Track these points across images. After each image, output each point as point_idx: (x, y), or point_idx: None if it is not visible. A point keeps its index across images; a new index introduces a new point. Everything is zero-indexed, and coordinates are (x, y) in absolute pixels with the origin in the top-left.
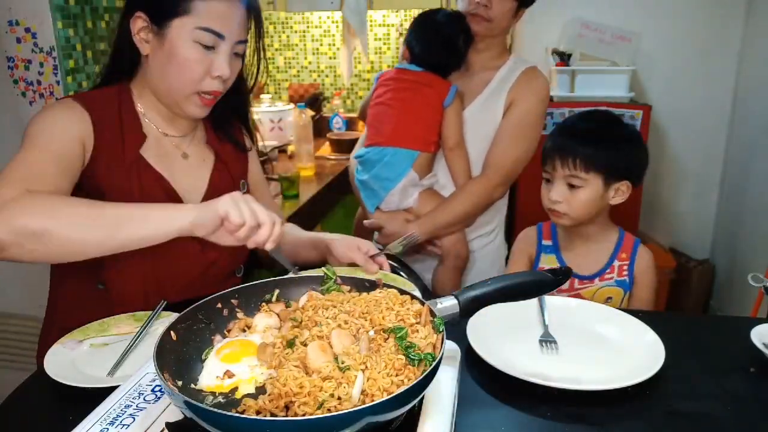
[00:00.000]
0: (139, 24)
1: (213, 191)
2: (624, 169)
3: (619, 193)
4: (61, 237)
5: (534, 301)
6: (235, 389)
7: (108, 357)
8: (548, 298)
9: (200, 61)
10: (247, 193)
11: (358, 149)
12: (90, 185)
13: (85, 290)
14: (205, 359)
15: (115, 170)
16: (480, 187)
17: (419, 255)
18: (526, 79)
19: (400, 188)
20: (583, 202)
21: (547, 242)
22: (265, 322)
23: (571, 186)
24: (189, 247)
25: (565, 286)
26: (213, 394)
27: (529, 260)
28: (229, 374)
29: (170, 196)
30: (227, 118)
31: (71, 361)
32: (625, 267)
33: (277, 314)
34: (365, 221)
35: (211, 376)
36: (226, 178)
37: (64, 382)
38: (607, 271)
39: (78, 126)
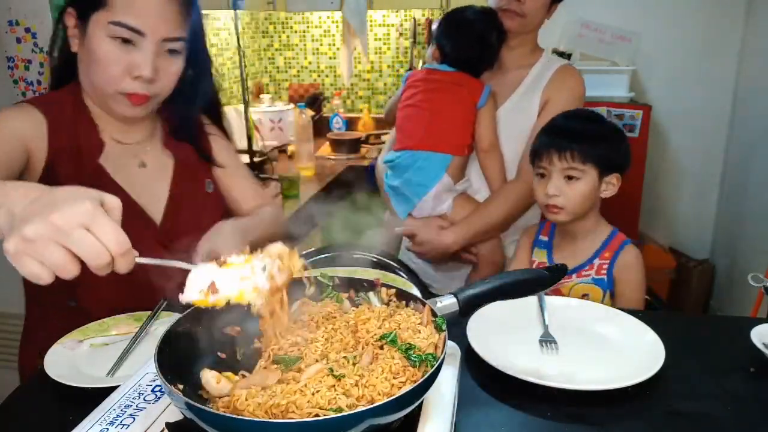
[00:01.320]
0: (70, 20)
1: (175, 200)
2: (615, 161)
3: (610, 186)
4: None
5: (534, 300)
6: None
7: (108, 357)
8: (548, 298)
9: (116, 59)
10: (215, 190)
11: (387, 153)
12: None
13: (57, 307)
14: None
15: (74, 181)
16: (517, 191)
17: (453, 263)
18: (560, 77)
19: (433, 194)
20: (579, 195)
21: (543, 238)
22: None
23: (569, 178)
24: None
25: None
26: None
27: (530, 252)
28: (213, 289)
29: (132, 209)
30: (187, 120)
31: (71, 361)
32: (605, 266)
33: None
34: (397, 228)
35: (194, 289)
36: (189, 182)
37: (64, 382)
38: (586, 267)
39: (26, 126)
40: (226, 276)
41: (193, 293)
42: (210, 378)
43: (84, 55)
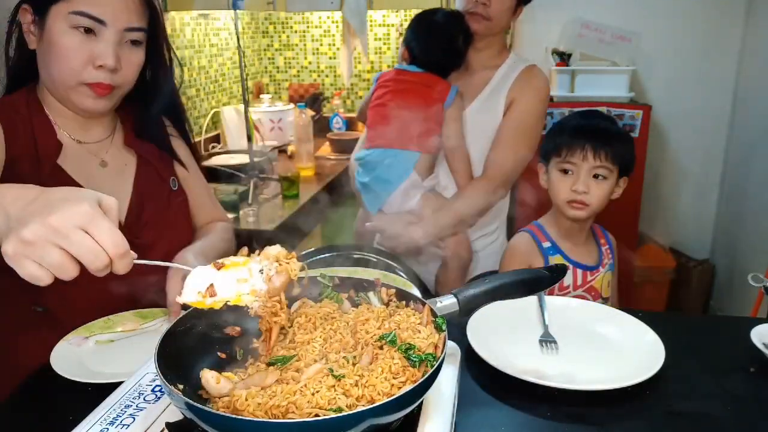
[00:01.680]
0: (26, 17)
1: (139, 197)
2: (631, 163)
3: (618, 188)
4: None
5: (534, 300)
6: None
7: (113, 354)
8: (548, 298)
9: (78, 49)
10: (179, 190)
11: (358, 151)
12: None
13: (23, 314)
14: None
15: (33, 182)
16: (482, 188)
17: (422, 257)
18: (526, 78)
19: (402, 190)
20: (603, 194)
21: (546, 244)
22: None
23: (596, 177)
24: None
25: (579, 281)
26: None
27: (538, 262)
28: (211, 292)
29: None
30: (150, 119)
31: (77, 357)
32: (608, 250)
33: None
34: (367, 224)
35: (193, 290)
36: (153, 179)
37: (69, 377)
38: (603, 258)
39: None
40: (223, 278)
41: (190, 295)
42: (210, 378)
43: (44, 50)
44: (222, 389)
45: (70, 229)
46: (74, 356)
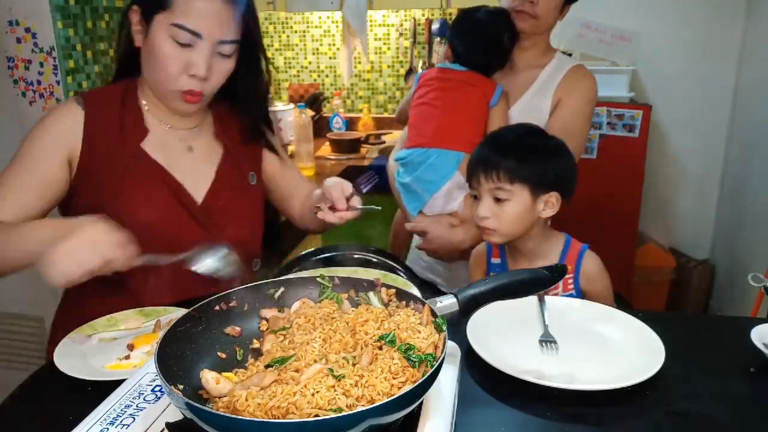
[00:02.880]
0: (135, 17)
1: (219, 184)
2: (550, 179)
3: (549, 205)
4: None
5: (534, 301)
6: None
7: (117, 351)
8: (548, 299)
9: (175, 59)
10: (258, 184)
11: (398, 151)
12: (85, 182)
13: (97, 278)
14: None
15: (110, 163)
16: None
17: (464, 261)
18: (573, 78)
19: (444, 191)
20: (511, 216)
21: (495, 260)
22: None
23: (498, 200)
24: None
25: None
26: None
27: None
28: (128, 357)
29: (170, 185)
30: (237, 117)
31: (81, 354)
32: (570, 280)
33: (266, 320)
34: (407, 224)
35: (112, 357)
36: (233, 171)
37: (72, 374)
38: (552, 288)
39: (65, 129)
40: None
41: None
42: (210, 378)
43: (146, 50)
44: (222, 389)
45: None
46: (77, 353)
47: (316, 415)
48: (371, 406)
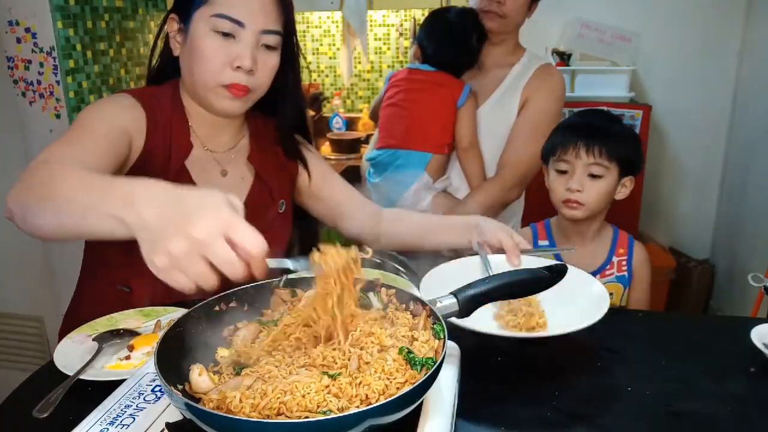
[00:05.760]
0: (173, 26)
1: (248, 211)
2: (634, 163)
3: (623, 189)
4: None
5: (477, 260)
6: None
7: (117, 352)
8: (491, 256)
9: (219, 51)
10: (285, 213)
11: (370, 151)
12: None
13: (109, 291)
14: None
15: (159, 178)
16: (495, 188)
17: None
18: (541, 76)
19: (413, 191)
20: (601, 193)
21: (543, 242)
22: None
23: (592, 176)
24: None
25: None
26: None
27: None
28: (128, 357)
29: None
30: (278, 128)
31: (81, 354)
32: (624, 262)
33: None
34: None
35: (114, 357)
36: (264, 198)
37: (71, 374)
38: (607, 267)
39: (130, 116)
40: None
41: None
42: (194, 368)
43: (186, 54)
44: (201, 383)
45: (214, 239)
46: (77, 353)
47: (306, 418)
48: (372, 406)
